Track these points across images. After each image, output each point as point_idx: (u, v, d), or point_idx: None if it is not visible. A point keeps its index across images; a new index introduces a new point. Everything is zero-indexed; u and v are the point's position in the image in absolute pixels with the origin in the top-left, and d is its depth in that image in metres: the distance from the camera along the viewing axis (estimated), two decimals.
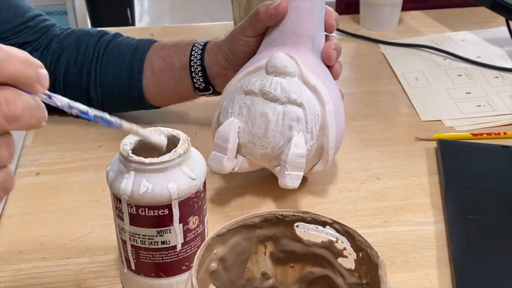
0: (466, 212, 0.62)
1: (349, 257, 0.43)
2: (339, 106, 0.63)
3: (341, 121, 0.63)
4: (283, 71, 0.60)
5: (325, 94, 0.61)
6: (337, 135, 0.62)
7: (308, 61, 0.62)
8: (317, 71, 0.62)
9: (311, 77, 0.61)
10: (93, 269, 0.57)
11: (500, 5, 0.93)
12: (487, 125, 0.80)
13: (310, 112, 0.60)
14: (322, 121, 0.60)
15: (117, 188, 0.47)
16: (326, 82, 0.62)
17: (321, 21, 0.65)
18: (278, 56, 0.61)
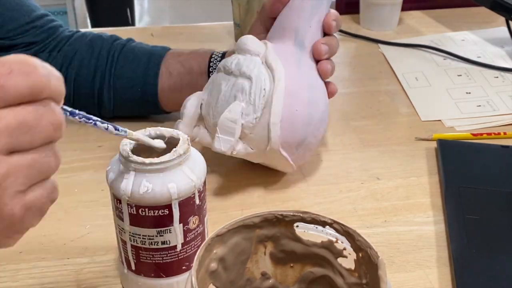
0: (466, 212, 0.62)
1: (349, 257, 0.43)
2: (300, 89, 0.64)
3: (301, 106, 0.63)
4: (243, 49, 0.64)
5: (278, 73, 0.62)
6: (288, 116, 0.62)
7: (282, 49, 0.65)
8: (286, 57, 0.64)
9: (272, 58, 0.63)
10: (93, 269, 0.57)
11: (500, 5, 0.93)
12: (487, 125, 0.80)
13: (256, 85, 0.62)
14: (269, 97, 0.62)
15: (117, 188, 0.47)
16: (291, 67, 0.64)
17: (312, 17, 0.66)
18: (244, 36, 0.65)
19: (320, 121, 0.65)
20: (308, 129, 0.64)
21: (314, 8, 0.66)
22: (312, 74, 0.66)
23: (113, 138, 0.79)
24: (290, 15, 0.66)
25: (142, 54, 0.76)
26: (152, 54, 0.76)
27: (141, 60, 0.76)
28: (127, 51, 0.76)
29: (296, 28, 0.66)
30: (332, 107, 0.84)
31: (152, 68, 0.75)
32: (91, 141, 0.76)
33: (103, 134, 0.78)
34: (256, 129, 0.62)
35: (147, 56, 0.76)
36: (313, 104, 0.64)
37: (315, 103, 0.65)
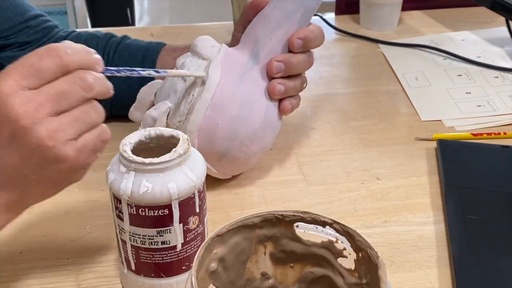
0: (466, 212, 0.62)
1: (349, 257, 0.43)
2: (229, 105, 0.61)
3: (224, 120, 0.61)
4: (194, 50, 0.64)
5: (210, 82, 0.61)
6: (207, 127, 0.61)
7: (234, 57, 0.63)
8: (230, 66, 0.62)
9: (214, 66, 0.62)
10: (93, 269, 0.57)
11: (500, 5, 0.93)
12: (487, 125, 0.80)
13: (187, 90, 0.62)
14: (193, 104, 0.61)
15: (117, 189, 0.47)
16: (229, 78, 0.62)
17: (276, 30, 0.63)
18: (203, 37, 0.64)
19: (250, 138, 0.63)
20: (231, 144, 0.62)
21: (281, 21, 0.63)
22: (254, 91, 0.63)
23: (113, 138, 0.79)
24: (256, 23, 0.64)
25: (137, 51, 0.76)
26: (147, 50, 0.76)
27: (136, 57, 0.75)
28: (122, 49, 0.76)
29: (256, 38, 0.63)
30: (332, 107, 0.85)
31: (148, 65, 0.74)
32: None
33: None
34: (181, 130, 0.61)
35: (142, 53, 0.75)
36: (240, 120, 0.62)
37: (244, 119, 0.62)
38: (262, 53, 0.63)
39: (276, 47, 0.63)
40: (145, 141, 0.51)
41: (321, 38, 0.65)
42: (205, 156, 0.62)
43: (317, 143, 0.77)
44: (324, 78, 0.93)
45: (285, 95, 0.65)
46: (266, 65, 0.64)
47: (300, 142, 0.77)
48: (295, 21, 0.63)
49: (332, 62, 0.98)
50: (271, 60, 0.63)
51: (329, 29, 1.10)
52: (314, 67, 0.67)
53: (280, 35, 0.63)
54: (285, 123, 0.81)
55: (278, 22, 0.63)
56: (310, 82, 0.91)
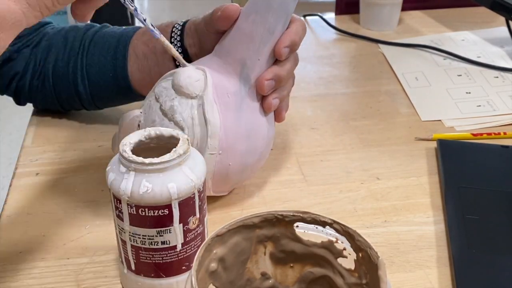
0: (466, 212, 0.62)
1: (349, 257, 0.43)
2: (236, 142, 0.59)
3: (235, 159, 0.60)
4: (180, 91, 0.59)
5: (213, 127, 0.58)
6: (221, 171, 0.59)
7: (223, 86, 0.59)
8: (226, 100, 0.59)
9: (209, 106, 0.58)
10: (93, 269, 0.57)
11: (500, 5, 0.93)
12: (487, 125, 0.80)
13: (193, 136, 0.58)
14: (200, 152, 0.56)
15: (117, 189, 0.47)
16: (229, 114, 0.59)
17: (262, 48, 0.59)
18: (183, 72, 0.59)
19: (258, 161, 0.63)
20: (242, 175, 0.62)
21: (265, 37, 0.59)
22: (253, 118, 0.61)
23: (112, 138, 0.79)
24: (238, 42, 0.59)
25: (112, 38, 0.74)
26: (121, 36, 0.73)
27: (111, 44, 0.73)
28: (98, 38, 0.74)
29: (242, 60, 0.59)
30: (332, 107, 0.85)
31: (121, 51, 0.72)
32: (91, 141, 0.76)
33: (102, 135, 0.79)
34: None
35: (116, 39, 0.73)
36: (249, 153, 0.61)
37: (252, 151, 0.61)
38: (252, 75, 0.60)
39: (263, 64, 0.60)
40: (145, 141, 0.51)
41: (304, 33, 0.62)
42: (218, 191, 0.63)
43: (317, 143, 0.77)
44: (324, 78, 0.93)
45: (280, 103, 0.64)
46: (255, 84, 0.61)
47: (300, 142, 0.77)
48: (278, 33, 0.59)
49: (332, 62, 0.98)
50: (261, 80, 0.60)
51: (329, 29, 1.10)
52: (314, 67, 0.67)
53: (266, 51, 0.60)
54: (285, 123, 0.80)
55: (262, 39, 0.59)
56: (310, 82, 0.92)
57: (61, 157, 0.73)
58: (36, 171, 0.70)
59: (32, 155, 0.73)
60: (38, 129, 0.79)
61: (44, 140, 0.76)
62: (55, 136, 0.77)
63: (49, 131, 0.78)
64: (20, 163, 0.72)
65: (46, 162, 0.72)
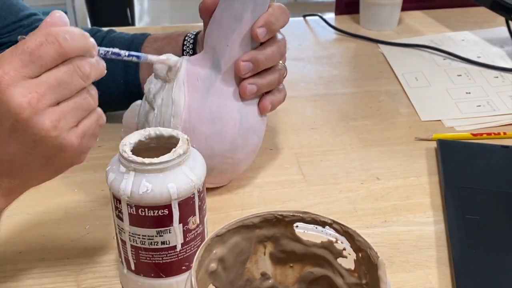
0: (466, 212, 0.62)
1: (348, 257, 0.43)
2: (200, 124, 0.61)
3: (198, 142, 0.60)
4: (156, 74, 0.62)
5: (177, 106, 0.60)
6: None
7: (194, 70, 0.61)
8: (194, 83, 0.61)
9: (177, 88, 0.61)
10: (92, 269, 0.57)
11: (500, 5, 0.93)
12: (487, 125, 0.80)
13: (156, 117, 0.61)
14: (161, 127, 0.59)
15: (116, 189, 0.47)
16: (195, 96, 0.61)
17: (230, 34, 0.60)
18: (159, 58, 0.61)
19: (231, 150, 0.62)
20: (213, 161, 0.61)
21: (232, 24, 0.60)
22: (222, 103, 0.61)
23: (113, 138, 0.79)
24: (210, 29, 0.61)
25: (122, 44, 0.74)
26: (132, 42, 0.75)
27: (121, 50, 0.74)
28: (107, 43, 0.75)
29: (213, 45, 0.61)
30: (332, 107, 0.85)
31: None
32: None
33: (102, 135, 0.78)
34: None
35: (126, 46, 0.74)
36: (215, 137, 0.61)
37: (219, 135, 0.61)
38: (223, 61, 0.61)
39: (235, 50, 0.61)
40: (145, 141, 0.51)
41: (285, 16, 0.62)
42: None
43: (317, 143, 0.77)
44: (324, 78, 0.93)
45: (259, 92, 0.63)
46: (229, 71, 0.61)
47: (300, 142, 0.77)
48: (247, 21, 0.60)
49: (332, 62, 0.98)
50: (238, 61, 0.60)
51: (329, 29, 1.10)
52: (314, 67, 0.67)
53: (235, 39, 0.60)
54: (285, 123, 0.81)
55: (229, 25, 0.60)
56: (310, 82, 0.92)
57: None
58: None
59: None
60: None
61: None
62: None
63: None
64: None
65: None
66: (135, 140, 0.50)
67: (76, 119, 0.47)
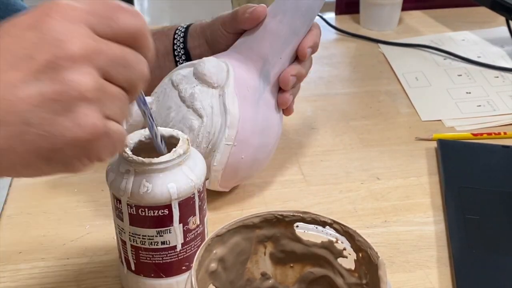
0: (466, 212, 0.62)
1: (349, 257, 0.43)
2: (251, 135, 0.60)
3: (248, 153, 0.60)
4: (203, 79, 0.59)
5: (232, 117, 0.58)
6: (233, 163, 0.59)
7: (243, 79, 0.60)
8: (245, 94, 0.60)
9: (229, 97, 0.59)
10: (93, 269, 0.57)
11: (500, 5, 0.93)
12: (487, 125, 0.80)
13: (205, 127, 0.58)
14: (216, 142, 0.58)
15: (117, 189, 0.47)
16: (247, 108, 0.60)
17: (284, 48, 0.61)
18: (208, 62, 0.60)
19: (265, 159, 0.64)
20: (251, 170, 0.63)
21: (290, 38, 0.61)
22: (269, 114, 0.62)
23: None
24: (261, 39, 0.61)
25: None
26: None
27: None
28: None
29: (265, 56, 0.61)
30: (332, 107, 0.85)
31: None
32: None
33: None
34: None
35: None
36: (261, 149, 0.61)
37: (264, 147, 0.62)
38: (272, 73, 0.62)
39: (285, 64, 0.62)
40: (145, 141, 0.51)
41: (320, 35, 0.65)
42: (224, 186, 0.62)
43: (317, 143, 0.77)
44: (324, 78, 0.93)
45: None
46: (276, 83, 0.63)
47: (300, 142, 0.77)
48: (302, 35, 0.62)
49: (332, 62, 0.98)
50: (286, 75, 0.62)
51: (329, 29, 1.10)
52: (314, 67, 0.67)
53: (288, 52, 0.62)
54: (285, 123, 0.80)
55: (287, 39, 0.61)
56: (310, 82, 0.91)
57: None
58: None
59: None
60: None
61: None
62: None
63: None
64: None
65: None
66: (135, 140, 0.50)
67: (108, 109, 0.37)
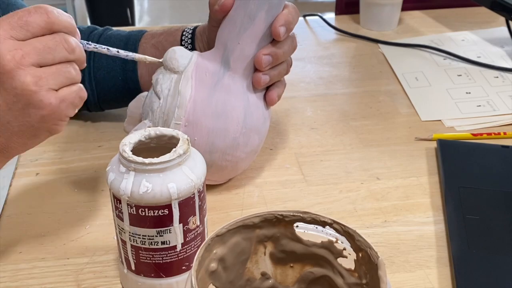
0: (466, 212, 0.62)
1: (349, 257, 0.43)
2: (204, 119, 0.61)
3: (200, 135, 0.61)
4: (165, 64, 0.63)
5: (182, 98, 0.61)
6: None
7: (203, 65, 0.62)
8: (202, 78, 0.62)
9: (185, 80, 0.62)
10: (93, 269, 0.57)
11: (500, 5, 0.93)
12: (487, 125, 0.80)
13: (161, 107, 0.62)
14: (168, 122, 0.62)
15: (117, 189, 0.47)
16: (201, 91, 0.61)
17: (242, 32, 0.61)
18: (173, 50, 0.63)
19: (232, 147, 0.62)
20: (213, 156, 0.62)
21: (245, 22, 0.61)
22: (228, 99, 0.62)
23: (113, 138, 0.79)
24: (223, 27, 0.63)
25: (119, 41, 0.74)
26: (129, 39, 0.74)
27: (118, 47, 0.73)
28: (103, 40, 0.75)
29: (224, 42, 0.62)
30: (332, 107, 0.85)
31: None
32: (91, 141, 0.76)
33: (102, 135, 0.79)
34: None
35: (124, 42, 0.74)
36: (217, 133, 0.61)
37: (222, 131, 0.61)
38: (232, 58, 0.62)
39: (245, 49, 0.62)
40: (145, 141, 0.51)
41: (297, 15, 0.65)
42: None
43: (317, 143, 0.77)
44: (324, 78, 0.93)
45: (270, 82, 0.64)
46: (237, 69, 0.62)
47: (300, 142, 0.77)
48: (260, 20, 0.61)
49: (332, 62, 0.98)
50: (259, 54, 0.62)
51: (329, 29, 1.10)
52: (314, 67, 0.67)
53: (246, 37, 0.61)
54: (285, 123, 0.81)
55: (242, 24, 0.61)
56: (310, 82, 0.92)
57: (61, 157, 0.73)
58: (36, 171, 0.70)
59: (32, 155, 0.73)
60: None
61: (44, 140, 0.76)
62: (55, 136, 0.77)
63: None
64: (20, 163, 0.72)
65: (46, 162, 0.72)
66: (135, 140, 0.50)
67: (57, 83, 0.49)
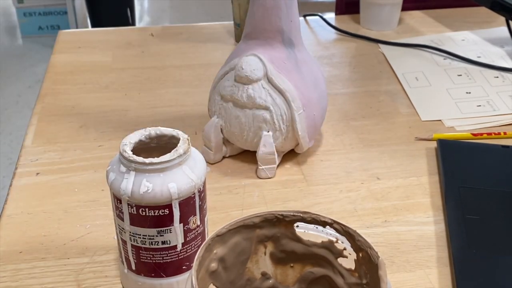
0: (466, 212, 0.62)
1: (349, 257, 0.43)
2: (310, 94, 0.68)
3: (316, 109, 0.68)
4: (247, 80, 0.66)
5: (289, 92, 0.66)
6: (310, 123, 0.68)
7: (276, 57, 0.67)
8: (285, 66, 0.67)
9: (277, 79, 0.66)
10: (93, 269, 0.57)
11: (500, 5, 0.93)
12: (487, 125, 0.80)
13: (275, 113, 0.66)
14: (290, 118, 0.67)
15: (117, 188, 0.47)
16: (294, 76, 0.67)
17: (289, 11, 0.66)
18: (244, 63, 0.66)
19: (327, 102, 0.72)
20: (323, 118, 0.71)
21: (287, 3, 0.65)
22: (310, 69, 0.69)
23: (113, 138, 0.79)
24: (269, 17, 0.65)
25: None
26: None
27: None
28: None
29: (280, 29, 0.66)
30: (332, 107, 0.85)
31: None
32: (91, 141, 0.76)
33: (102, 135, 0.78)
34: (286, 143, 0.69)
35: None
36: (322, 98, 0.69)
37: (323, 94, 0.70)
38: (292, 36, 0.67)
39: (296, 21, 0.67)
40: (145, 141, 0.51)
41: None
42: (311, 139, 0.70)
43: (317, 143, 0.77)
44: (324, 78, 0.93)
45: None
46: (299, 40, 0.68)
47: None
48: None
49: (332, 62, 0.98)
50: None
51: (329, 29, 1.10)
52: None
53: (294, 12, 0.66)
54: None
55: (286, 4, 0.65)
56: None
57: (61, 157, 0.73)
58: (36, 171, 0.70)
59: (32, 155, 0.73)
60: (38, 129, 0.79)
61: (44, 140, 0.76)
62: (55, 136, 0.77)
63: (50, 131, 0.78)
64: (20, 163, 0.72)
65: (46, 162, 0.72)
66: (136, 140, 0.50)
67: None
